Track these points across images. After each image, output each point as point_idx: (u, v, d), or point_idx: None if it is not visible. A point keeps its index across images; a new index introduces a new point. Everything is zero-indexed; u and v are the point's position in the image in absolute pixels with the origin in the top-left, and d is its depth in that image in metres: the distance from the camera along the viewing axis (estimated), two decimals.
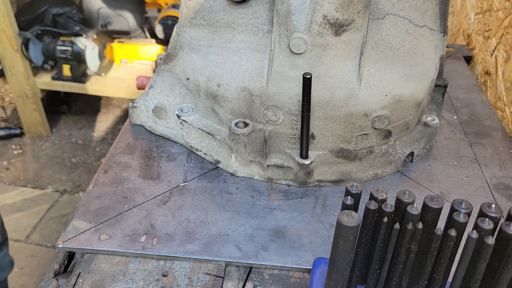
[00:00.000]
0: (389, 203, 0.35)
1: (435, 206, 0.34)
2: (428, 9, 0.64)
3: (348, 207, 0.35)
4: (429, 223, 0.34)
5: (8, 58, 2.08)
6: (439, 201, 0.35)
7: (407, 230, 0.35)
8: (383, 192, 0.36)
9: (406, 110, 0.65)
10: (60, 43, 2.08)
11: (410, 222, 0.34)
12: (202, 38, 0.67)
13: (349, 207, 0.36)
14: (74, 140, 2.38)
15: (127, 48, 2.23)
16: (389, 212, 0.35)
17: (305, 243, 0.58)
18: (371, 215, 0.36)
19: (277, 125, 0.63)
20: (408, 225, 0.35)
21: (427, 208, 0.35)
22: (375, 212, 0.36)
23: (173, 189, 0.66)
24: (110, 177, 0.68)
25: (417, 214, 0.34)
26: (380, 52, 0.61)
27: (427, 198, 0.35)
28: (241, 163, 0.67)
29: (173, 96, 0.74)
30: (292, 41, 0.58)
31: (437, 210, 0.34)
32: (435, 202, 0.35)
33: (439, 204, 0.34)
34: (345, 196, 0.36)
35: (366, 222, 0.36)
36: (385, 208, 0.35)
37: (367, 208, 0.35)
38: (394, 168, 0.69)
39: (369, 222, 0.36)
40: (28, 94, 2.20)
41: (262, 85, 0.62)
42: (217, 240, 0.58)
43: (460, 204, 0.35)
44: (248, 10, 0.62)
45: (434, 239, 0.34)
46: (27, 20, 2.17)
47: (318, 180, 0.67)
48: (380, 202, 0.36)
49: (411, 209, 0.34)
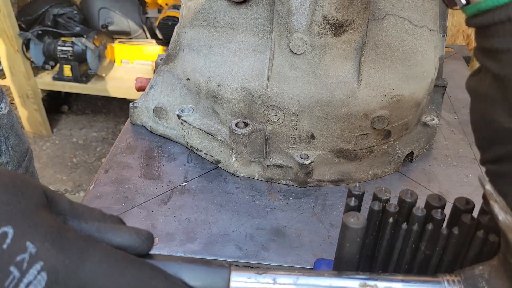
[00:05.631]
0: (393, 204, 0.35)
1: (437, 204, 0.34)
2: (427, 9, 0.64)
3: (352, 209, 0.35)
4: (437, 223, 0.34)
5: (9, 59, 2.09)
6: (441, 200, 0.35)
7: (414, 230, 0.34)
8: (386, 192, 0.35)
9: (405, 110, 0.65)
10: (61, 43, 2.08)
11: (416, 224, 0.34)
12: (202, 39, 0.67)
13: (353, 208, 0.35)
14: (74, 140, 2.38)
15: (128, 49, 2.23)
16: (393, 212, 0.35)
17: (305, 243, 0.58)
18: (375, 215, 0.35)
19: (277, 125, 0.64)
20: (414, 226, 0.34)
21: (431, 206, 0.35)
22: (380, 212, 0.35)
23: (174, 189, 0.66)
24: (110, 177, 0.68)
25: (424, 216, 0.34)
26: (380, 52, 0.62)
27: (430, 197, 0.35)
28: (241, 163, 0.67)
29: (174, 97, 0.74)
30: (292, 42, 0.58)
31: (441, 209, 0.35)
32: (438, 201, 0.35)
33: (442, 202, 0.35)
34: (348, 197, 0.36)
35: (370, 223, 0.35)
36: (390, 209, 0.35)
37: (371, 209, 0.35)
38: (394, 168, 0.70)
39: (373, 223, 0.35)
40: (28, 94, 2.20)
41: (262, 86, 0.62)
42: (217, 239, 0.58)
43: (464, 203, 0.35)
44: (248, 11, 0.62)
45: (441, 238, 0.34)
46: (28, 21, 2.17)
47: (318, 180, 0.67)
48: (384, 202, 0.35)
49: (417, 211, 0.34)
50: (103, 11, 2.25)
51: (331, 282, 0.31)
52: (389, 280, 0.31)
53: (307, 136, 0.64)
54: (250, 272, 0.31)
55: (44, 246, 0.24)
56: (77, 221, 0.28)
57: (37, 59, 2.12)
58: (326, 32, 0.58)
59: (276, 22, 0.60)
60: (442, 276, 0.32)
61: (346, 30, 0.58)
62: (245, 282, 0.30)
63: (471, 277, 0.31)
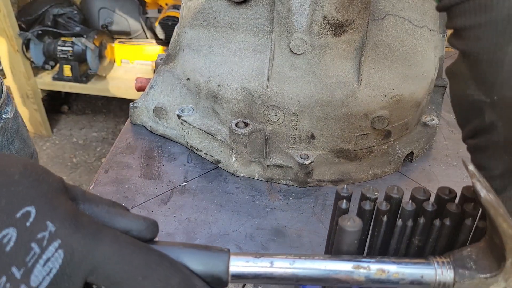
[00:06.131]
0: (383, 202, 0.36)
1: (423, 197, 0.36)
2: (427, 9, 0.64)
3: (344, 211, 0.36)
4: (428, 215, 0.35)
5: (9, 59, 2.09)
6: (426, 192, 0.36)
7: (408, 226, 0.35)
8: (374, 190, 0.36)
9: (405, 111, 0.65)
10: (61, 43, 2.08)
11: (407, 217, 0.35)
12: (202, 39, 0.67)
13: (346, 211, 0.36)
14: (74, 140, 2.38)
15: (128, 49, 2.24)
16: (385, 211, 0.36)
17: (305, 243, 0.58)
18: (367, 215, 0.36)
19: (277, 125, 0.64)
20: (408, 222, 0.35)
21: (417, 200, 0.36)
22: (372, 212, 0.36)
23: (174, 189, 0.66)
24: (110, 177, 0.68)
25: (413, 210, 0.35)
26: (380, 52, 0.62)
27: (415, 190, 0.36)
28: (241, 163, 0.67)
29: (174, 96, 0.74)
30: (292, 42, 0.58)
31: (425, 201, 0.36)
32: (423, 194, 0.36)
33: (427, 195, 0.36)
34: (337, 199, 0.37)
35: (363, 223, 0.36)
36: (381, 207, 0.36)
37: (363, 209, 0.36)
38: (394, 168, 0.70)
39: (366, 223, 0.36)
40: (29, 94, 2.20)
41: (262, 86, 0.62)
42: (217, 239, 0.58)
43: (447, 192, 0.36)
44: (248, 11, 0.62)
45: (434, 230, 0.35)
46: (28, 21, 2.18)
47: (318, 180, 0.67)
48: (373, 201, 0.36)
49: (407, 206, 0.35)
50: (103, 11, 2.25)
51: (325, 265, 0.32)
52: (382, 262, 0.33)
53: (307, 136, 0.64)
54: (248, 256, 0.32)
55: (62, 226, 0.26)
56: (89, 205, 0.30)
57: (37, 59, 2.12)
58: (326, 32, 0.58)
59: (276, 22, 0.60)
60: (432, 258, 0.33)
61: (346, 30, 0.58)
62: (244, 265, 0.32)
63: (460, 259, 0.33)
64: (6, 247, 0.24)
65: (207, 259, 0.31)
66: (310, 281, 0.33)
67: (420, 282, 0.32)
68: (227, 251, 0.32)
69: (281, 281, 0.32)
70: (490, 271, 0.32)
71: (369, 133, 0.64)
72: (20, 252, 0.25)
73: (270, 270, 0.32)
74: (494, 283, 0.31)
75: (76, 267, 0.26)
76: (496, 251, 0.32)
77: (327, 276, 0.32)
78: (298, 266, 0.32)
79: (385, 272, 0.32)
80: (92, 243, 0.27)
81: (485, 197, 0.29)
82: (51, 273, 0.25)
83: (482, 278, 0.32)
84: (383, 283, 0.32)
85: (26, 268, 0.25)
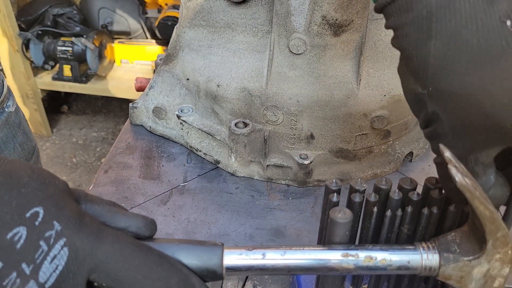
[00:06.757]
0: (372, 193, 0.37)
1: (410, 187, 0.37)
2: None
3: (335, 204, 0.37)
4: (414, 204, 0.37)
5: (9, 58, 2.09)
6: (413, 182, 0.38)
7: (397, 216, 0.37)
8: (362, 183, 0.37)
9: (405, 110, 0.65)
10: (60, 43, 2.08)
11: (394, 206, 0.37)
12: (202, 39, 0.67)
13: (337, 203, 0.37)
14: (74, 140, 2.38)
15: (128, 49, 2.24)
16: (374, 202, 0.37)
17: (304, 243, 0.58)
18: (357, 207, 0.37)
19: (277, 125, 0.64)
20: (397, 211, 0.37)
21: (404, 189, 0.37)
22: (361, 203, 0.37)
23: (173, 189, 0.66)
24: (110, 177, 0.68)
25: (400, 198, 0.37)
26: (379, 52, 0.62)
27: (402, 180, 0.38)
28: (241, 163, 0.67)
29: (173, 97, 0.74)
30: (292, 42, 0.58)
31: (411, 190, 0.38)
32: (410, 183, 0.38)
33: (414, 185, 0.38)
34: (327, 193, 0.38)
35: (354, 215, 0.37)
36: (370, 198, 0.37)
37: (353, 201, 0.37)
38: (394, 168, 0.70)
39: (356, 214, 0.37)
40: (28, 94, 2.20)
41: (261, 86, 0.62)
42: (217, 239, 0.58)
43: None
44: (247, 11, 0.62)
45: (423, 219, 0.37)
46: (28, 21, 2.18)
47: (317, 180, 0.67)
48: (362, 193, 0.37)
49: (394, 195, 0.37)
50: (103, 11, 2.25)
51: (315, 255, 0.34)
52: (370, 249, 0.34)
53: (306, 136, 0.64)
54: (241, 249, 0.33)
55: (67, 225, 0.28)
56: (90, 204, 0.31)
57: (37, 59, 2.12)
58: (325, 32, 0.58)
59: (275, 22, 0.60)
60: (418, 244, 0.34)
61: (345, 30, 0.58)
62: (237, 258, 0.33)
63: (445, 243, 0.34)
64: (17, 244, 0.26)
65: (202, 254, 0.32)
66: (302, 270, 0.34)
67: (407, 267, 0.34)
68: (220, 245, 0.33)
69: (274, 272, 0.34)
70: (473, 254, 0.33)
71: (369, 133, 0.65)
72: (30, 250, 0.26)
73: (263, 261, 0.33)
74: (478, 265, 0.33)
75: (80, 264, 0.27)
76: (477, 234, 0.33)
77: (317, 265, 0.34)
78: (289, 257, 0.33)
79: (373, 259, 0.33)
80: (95, 242, 0.28)
81: (460, 181, 0.30)
82: (57, 269, 0.27)
83: (466, 260, 0.33)
84: (371, 270, 0.34)
85: (35, 265, 0.26)
